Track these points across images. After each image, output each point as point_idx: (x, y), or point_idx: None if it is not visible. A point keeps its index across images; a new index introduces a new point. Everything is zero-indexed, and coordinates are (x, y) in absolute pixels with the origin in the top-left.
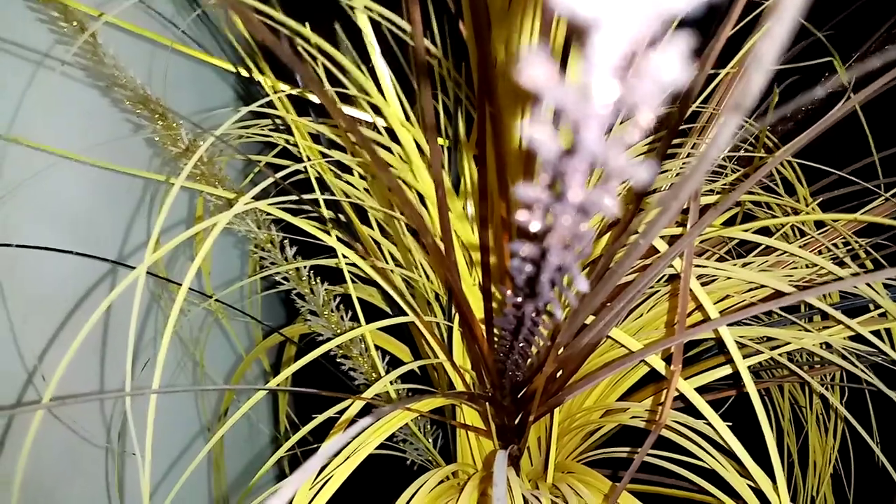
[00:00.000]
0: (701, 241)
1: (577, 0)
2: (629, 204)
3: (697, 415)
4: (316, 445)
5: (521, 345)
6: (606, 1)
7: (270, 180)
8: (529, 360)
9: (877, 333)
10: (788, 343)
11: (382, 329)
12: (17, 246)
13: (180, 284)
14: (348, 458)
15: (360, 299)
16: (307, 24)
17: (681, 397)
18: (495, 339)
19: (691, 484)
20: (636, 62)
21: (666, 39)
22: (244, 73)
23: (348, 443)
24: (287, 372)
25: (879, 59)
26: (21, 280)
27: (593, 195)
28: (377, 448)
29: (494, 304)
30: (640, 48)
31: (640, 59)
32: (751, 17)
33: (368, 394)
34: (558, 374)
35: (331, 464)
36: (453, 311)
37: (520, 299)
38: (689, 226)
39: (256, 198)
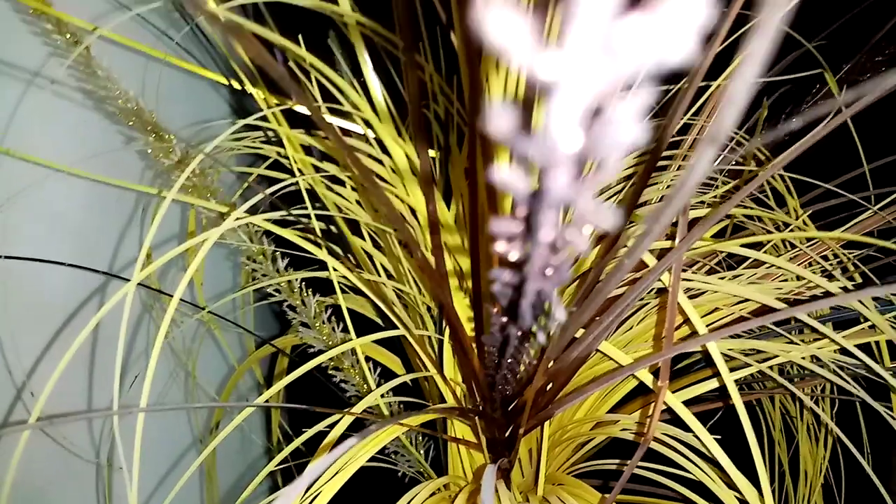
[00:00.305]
0: (690, 254)
1: (536, 65)
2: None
3: (686, 426)
4: (307, 459)
5: (509, 361)
6: (563, 67)
7: (262, 195)
8: (519, 374)
9: (867, 345)
10: (777, 356)
11: (374, 340)
12: (7, 258)
13: (171, 296)
14: (338, 472)
15: (352, 311)
16: (300, 37)
17: (670, 409)
18: (485, 353)
19: (680, 496)
20: (601, 112)
21: (632, 89)
22: (237, 86)
23: (335, 461)
24: (279, 385)
25: (872, 83)
26: (11, 293)
27: (565, 233)
28: (368, 460)
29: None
30: (605, 100)
31: (605, 110)
32: (742, 30)
33: (358, 409)
34: (548, 388)
35: (321, 478)
36: (444, 324)
37: (504, 320)
38: (677, 240)
39: (249, 210)
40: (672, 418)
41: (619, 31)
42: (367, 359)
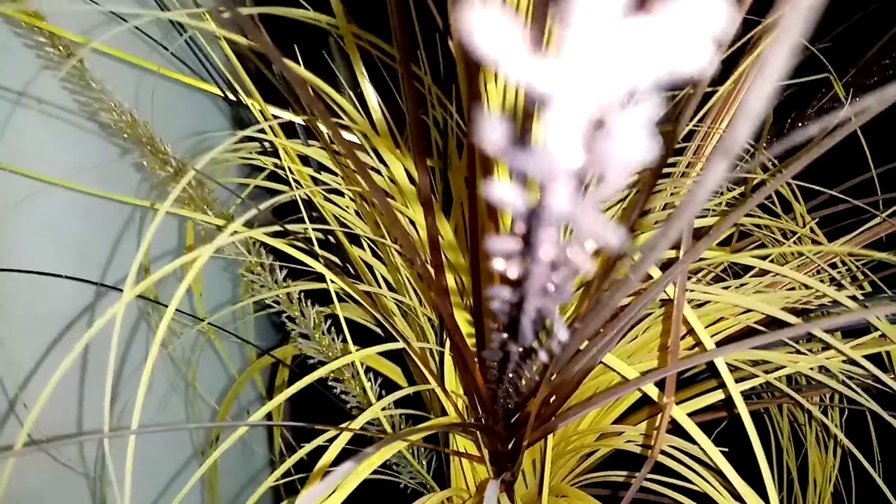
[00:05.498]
0: (695, 262)
1: (534, 77)
2: (622, 227)
3: (692, 437)
4: (306, 474)
5: (510, 375)
6: (562, 76)
7: (259, 208)
8: (521, 387)
9: (877, 355)
10: (784, 367)
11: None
12: (3, 270)
13: (167, 307)
14: (337, 488)
15: (353, 321)
16: (296, 49)
17: (675, 420)
18: (487, 366)
19: None
20: (602, 127)
21: (635, 102)
22: (232, 97)
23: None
24: (278, 399)
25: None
26: (8, 304)
27: (566, 251)
28: (370, 473)
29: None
30: (607, 114)
31: (607, 124)
32: (747, 37)
33: (357, 424)
34: (551, 400)
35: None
36: (445, 336)
37: (505, 336)
38: (681, 252)
39: (246, 222)
40: (678, 427)
41: (622, 36)
42: (368, 369)
